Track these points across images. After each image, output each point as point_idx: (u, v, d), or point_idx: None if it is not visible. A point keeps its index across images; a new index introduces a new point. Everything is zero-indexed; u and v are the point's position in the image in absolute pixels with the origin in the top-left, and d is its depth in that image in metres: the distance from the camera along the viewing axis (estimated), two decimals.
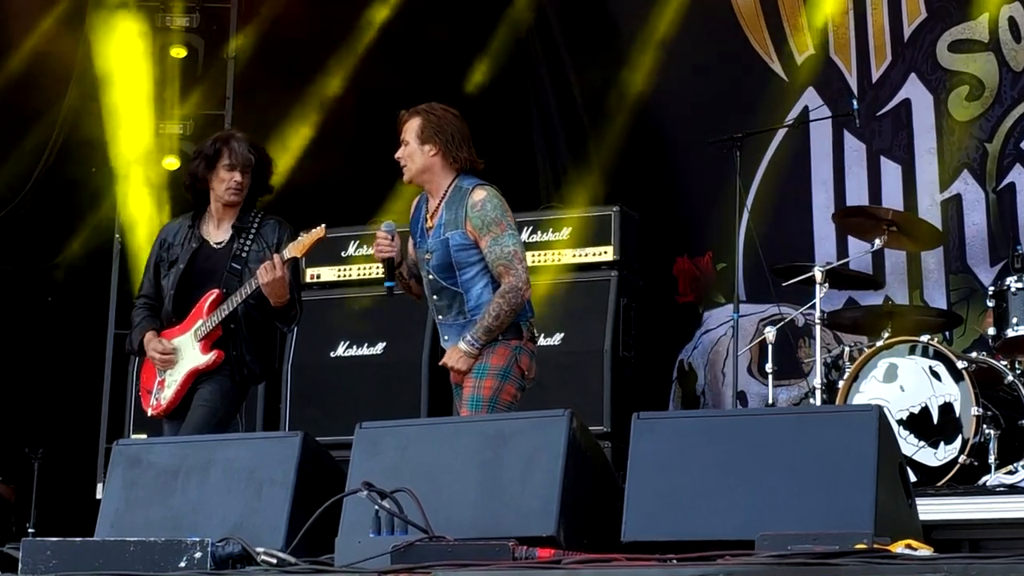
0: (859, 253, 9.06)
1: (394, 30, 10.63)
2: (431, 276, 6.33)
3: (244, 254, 6.89)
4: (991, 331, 7.96)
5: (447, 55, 10.57)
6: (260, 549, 4.94)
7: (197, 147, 7.21)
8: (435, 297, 6.35)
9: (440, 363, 6.35)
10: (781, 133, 10.22)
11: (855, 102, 9.13)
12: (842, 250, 9.87)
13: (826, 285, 8.25)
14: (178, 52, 10.43)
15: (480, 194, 6.27)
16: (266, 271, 6.63)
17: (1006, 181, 9.71)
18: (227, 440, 5.96)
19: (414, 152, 6.34)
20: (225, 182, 6.88)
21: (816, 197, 10.21)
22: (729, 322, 9.51)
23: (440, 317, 6.36)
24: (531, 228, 8.98)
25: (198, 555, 4.79)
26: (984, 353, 8.14)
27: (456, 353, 6.21)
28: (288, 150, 10.23)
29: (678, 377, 10.28)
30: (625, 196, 9.91)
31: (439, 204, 6.33)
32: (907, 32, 10.11)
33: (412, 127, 6.35)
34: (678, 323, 10.37)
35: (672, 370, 10.30)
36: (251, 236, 6.92)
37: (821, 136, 10.15)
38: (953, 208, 9.81)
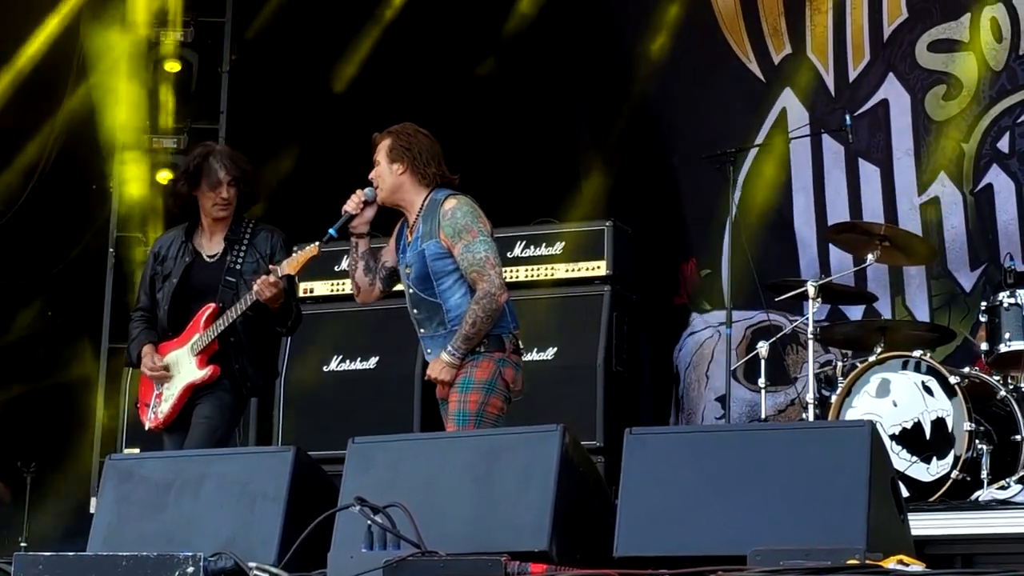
0: (845, 266, 9.08)
1: (389, 44, 10.66)
2: (411, 290, 6.35)
3: (238, 266, 6.89)
4: (984, 346, 7.97)
5: (441, 72, 10.60)
6: (252, 564, 4.94)
7: (180, 164, 7.21)
8: (415, 311, 6.36)
9: (425, 377, 6.36)
10: (759, 139, 10.21)
11: (848, 118, 9.13)
12: (823, 254, 9.86)
13: (819, 300, 8.26)
14: (172, 66, 10.45)
15: (451, 203, 6.29)
16: (265, 289, 6.63)
17: (983, 182, 9.68)
18: (220, 455, 5.96)
19: (383, 172, 6.38)
20: (211, 199, 6.90)
21: (797, 201, 10.20)
22: (716, 326, 9.51)
23: (422, 331, 6.37)
24: (524, 243, 8.99)
25: (190, 570, 4.79)
26: (977, 368, 8.14)
27: (439, 364, 6.21)
28: (282, 164, 10.24)
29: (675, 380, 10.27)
30: (616, 199, 9.94)
31: (416, 219, 6.36)
32: (887, 32, 10.09)
33: (383, 148, 6.40)
34: (671, 328, 10.36)
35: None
36: (244, 247, 6.93)
37: (800, 139, 10.11)
38: (932, 212, 9.79)
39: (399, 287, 6.62)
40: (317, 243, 6.65)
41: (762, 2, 10.48)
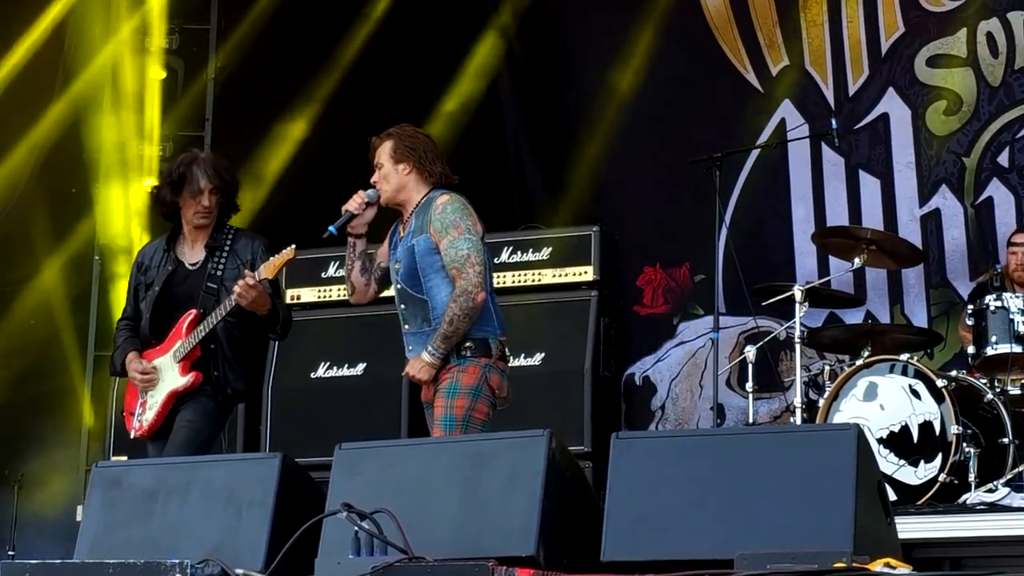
0: (839, 272, 9.10)
1: (372, 52, 10.66)
2: (399, 285, 6.35)
3: (219, 273, 6.89)
4: (971, 349, 7.98)
5: (426, 76, 10.61)
6: (240, 571, 4.93)
7: (164, 171, 7.20)
8: (403, 306, 6.35)
9: (403, 373, 6.34)
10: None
11: (834, 121, 9.16)
12: (823, 264, 9.89)
13: (806, 304, 8.27)
14: (158, 73, 10.44)
15: (443, 198, 6.30)
16: (243, 295, 6.62)
17: (984, 195, 9.76)
18: (206, 461, 5.94)
19: (389, 173, 6.38)
20: (192, 207, 6.89)
21: (796, 211, 10.24)
22: (708, 334, 9.51)
23: (407, 327, 6.35)
24: (511, 248, 8.98)
25: None
26: (964, 371, 8.16)
27: (418, 363, 6.20)
28: (269, 170, 10.24)
29: (622, 393, 10.24)
30: (594, 207, 9.94)
31: (410, 216, 6.36)
32: (884, 46, 10.15)
33: (385, 149, 6.40)
34: (636, 336, 10.34)
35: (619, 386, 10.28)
36: (225, 254, 6.92)
37: (799, 150, 10.18)
38: (932, 223, 9.85)
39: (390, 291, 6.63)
40: (293, 246, 6.66)
41: (755, 13, 10.50)
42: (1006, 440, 7.69)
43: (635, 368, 10.34)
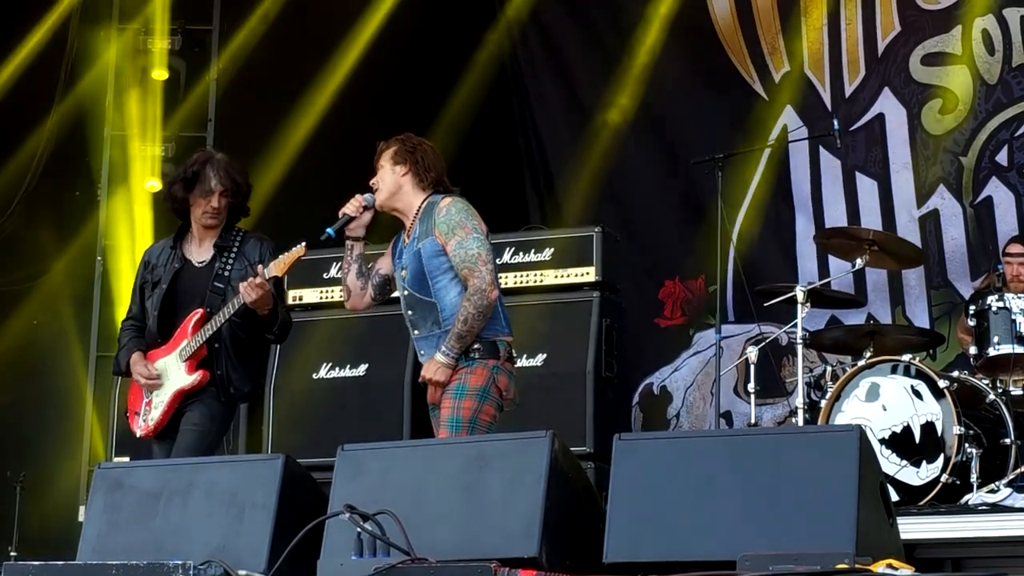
0: (840, 273, 9.10)
1: (376, 52, 10.66)
2: (406, 292, 6.35)
3: (226, 273, 6.90)
4: (972, 350, 7.98)
5: (430, 78, 10.61)
6: (242, 572, 4.94)
7: (178, 167, 7.22)
8: (410, 312, 6.36)
9: (420, 379, 6.35)
10: (766, 156, 10.24)
11: (836, 123, 9.16)
12: (824, 268, 9.89)
13: (808, 305, 8.27)
14: (160, 75, 10.46)
15: (446, 201, 6.33)
16: (251, 291, 6.63)
17: (983, 195, 9.75)
18: (209, 463, 5.95)
19: (386, 174, 6.42)
20: (202, 207, 6.91)
21: (798, 216, 10.24)
22: (715, 342, 9.52)
23: (416, 332, 6.36)
24: (513, 249, 8.97)
25: None
26: (967, 372, 8.16)
27: (433, 365, 6.20)
28: (270, 172, 10.23)
29: (639, 402, 10.26)
30: (612, 220, 9.95)
31: (413, 222, 6.37)
32: (881, 46, 10.15)
33: (388, 153, 6.46)
34: (655, 347, 10.36)
35: (633, 395, 10.30)
36: (233, 254, 6.94)
37: (799, 154, 10.18)
38: (931, 223, 9.85)
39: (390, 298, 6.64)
40: (303, 243, 6.67)
41: (760, 21, 10.51)
42: (1008, 441, 7.69)
43: (653, 378, 10.37)
